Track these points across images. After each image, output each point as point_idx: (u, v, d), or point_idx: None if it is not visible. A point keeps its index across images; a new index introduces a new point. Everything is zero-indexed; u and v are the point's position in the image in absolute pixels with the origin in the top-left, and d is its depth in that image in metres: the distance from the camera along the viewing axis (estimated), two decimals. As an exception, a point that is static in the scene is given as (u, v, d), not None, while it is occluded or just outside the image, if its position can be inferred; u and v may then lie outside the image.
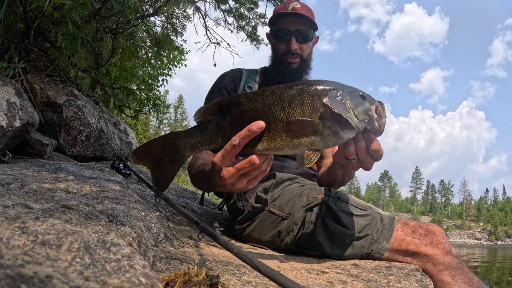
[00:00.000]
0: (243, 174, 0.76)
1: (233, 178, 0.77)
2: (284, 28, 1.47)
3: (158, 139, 0.80)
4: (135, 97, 3.36)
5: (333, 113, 0.70)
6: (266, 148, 0.73)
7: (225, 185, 0.80)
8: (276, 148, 0.73)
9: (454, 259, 0.99)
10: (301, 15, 1.45)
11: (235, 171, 0.75)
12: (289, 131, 0.71)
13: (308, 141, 0.71)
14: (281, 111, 0.71)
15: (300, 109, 0.71)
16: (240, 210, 1.32)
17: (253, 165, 0.73)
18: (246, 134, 0.71)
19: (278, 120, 0.71)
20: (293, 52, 1.46)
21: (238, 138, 0.72)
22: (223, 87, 1.51)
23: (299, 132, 0.70)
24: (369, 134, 0.79)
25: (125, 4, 2.42)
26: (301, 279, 0.83)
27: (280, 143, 0.72)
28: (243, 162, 0.74)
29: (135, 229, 0.60)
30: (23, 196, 0.68)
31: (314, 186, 1.25)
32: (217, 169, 0.78)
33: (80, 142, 2.13)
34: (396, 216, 1.12)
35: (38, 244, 0.40)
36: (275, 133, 0.71)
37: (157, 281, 0.42)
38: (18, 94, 1.41)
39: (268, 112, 0.72)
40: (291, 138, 0.71)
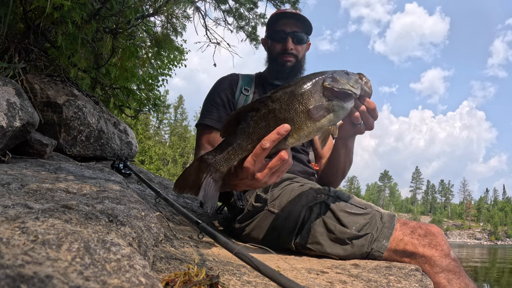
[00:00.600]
0: (275, 171, 0.86)
1: (266, 177, 0.85)
2: (281, 29, 1.53)
3: (193, 164, 0.87)
4: (135, 97, 3.35)
5: (334, 92, 0.84)
6: (297, 139, 0.83)
7: (257, 184, 0.88)
8: (305, 135, 0.84)
9: (452, 262, 0.99)
10: (298, 16, 1.52)
11: (268, 171, 0.84)
12: (311, 118, 0.82)
13: (326, 121, 0.84)
14: (299, 105, 0.82)
15: (312, 98, 0.83)
16: (240, 210, 1.32)
17: (284, 161, 0.83)
18: (276, 137, 0.79)
19: (300, 112, 0.82)
20: (289, 52, 1.52)
21: (268, 142, 0.79)
22: (221, 90, 1.55)
23: (318, 115, 0.83)
24: (364, 98, 0.95)
25: (125, 4, 2.42)
26: (301, 279, 0.83)
27: (307, 130, 0.83)
28: (274, 160, 0.83)
29: (135, 229, 0.60)
30: (23, 196, 0.68)
31: (313, 185, 1.25)
32: (251, 173, 0.84)
33: (80, 142, 2.13)
34: (395, 214, 1.12)
35: (38, 244, 0.40)
36: (301, 124, 0.82)
37: (157, 281, 0.42)
38: (18, 94, 1.41)
39: (288, 109, 0.82)
40: (314, 123, 0.83)
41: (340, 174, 1.40)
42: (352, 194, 1.22)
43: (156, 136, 31.20)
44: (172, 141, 32.03)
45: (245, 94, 1.54)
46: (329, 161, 1.44)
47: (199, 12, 4.04)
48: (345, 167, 1.37)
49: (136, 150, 2.72)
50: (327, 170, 1.48)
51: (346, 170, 1.39)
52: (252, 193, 1.33)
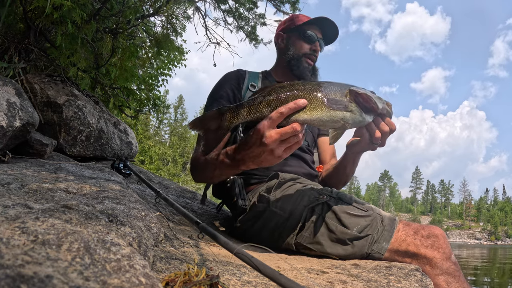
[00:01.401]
0: (284, 141, 0.87)
1: (275, 143, 0.87)
2: (314, 33, 1.59)
3: (211, 111, 0.96)
4: (135, 97, 3.35)
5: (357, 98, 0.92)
6: (309, 117, 0.88)
7: (262, 152, 0.90)
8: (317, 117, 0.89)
9: (453, 265, 0.99)
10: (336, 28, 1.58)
11: (278, 135, 0.86)
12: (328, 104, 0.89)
13: (341, 115, 0.90)
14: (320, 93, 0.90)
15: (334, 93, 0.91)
16: (242, 209, 1.32)
17: (295, 131, 0.85)
18: (292, 106, 0.85)
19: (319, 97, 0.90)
20: (315, 54, 1.59)
21: (285, 108, 0.85)
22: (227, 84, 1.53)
23: (334, 106, 0.90)
24: (388, 119, 1.02)
25: (125, 4, 2.42)
26: (301, 279, 0.83)
27: (320, 113, 0.89)
28: (286, 127, 0.86)
29: (135, 229, 0.60)
30: (23, 196, 0.68)
31: (316, 186, 1.25)
32: (261, 134, 0.88)
33: (80, 142, 2.13)
34: (397, 218, 1.12)
35: (38, 244, 0.40)
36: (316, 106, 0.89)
37: (157, 281, 0.42)
38: (18, 94, 1.41)
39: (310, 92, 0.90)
40: (328, 110, 0.89)
41: (342, 184, 1.47)
42: (352, 194, 1.23)
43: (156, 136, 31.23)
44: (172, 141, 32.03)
45: (252, 90, 1.53)
46: (333, 173, 1.50)
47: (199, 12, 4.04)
48: (347, 179, 1.44)
49: (136, 150, 2.72)
50: (329, 179, 1.53)
51: (348, 180, 1.46)
52: (254, 193, 1.33)
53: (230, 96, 1.48)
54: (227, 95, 1.48)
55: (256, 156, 0.92)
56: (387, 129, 1.02)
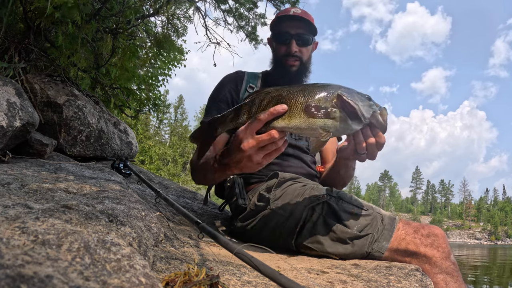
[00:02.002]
0: (262, 148, 0.87)
1: (252, 150, 0.87)
2: (285, 31, 1.50)
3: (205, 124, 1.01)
4: (135, 97, 3.35)
5: (345, 103, 0.85)
6: (286, 125, 0.86)
7: (241, 159, 0.90)
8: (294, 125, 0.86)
9: (452, 265, 0.99)
10: (302, 18, 1.49)
11: (255, 142, 0.86)
12: (307, 112, 0.85)
13: (321, 123, 0.86)
14: (302, 97, 0.86)
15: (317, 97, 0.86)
16: (242, 209, 1.32)
17: (272, 138, 0.84)
18: (271, 112, 0.83)
19: (299, 103, 0.86)
20: (293, 54, 1.49)
21: (263, 114, 0.84)
22: (226, 88, 1.54)
23: (314, 113, 0.85)
24: (375, 130, 0.93)
25: (125, 4, 2.42)
26: (301, 279, 0.83)
27: (298, 120, 0.85)
28: (263, 135, 0.85)
29: (135, 229, 0.60)
30: (23, 196, 0.68)
31: (316, 186, 1.25)
32: (239, 140, 0.88)
33: (80, 142, 2.13)
34: (397, 217, 1.12)
35: (38, 244, 0.40)
36: (295, 113, 0.86)
37: (157, 281, 0.42)
38: (18, 94, 1.41)
39: (291, 97, 0.87)
40: (307, 118, 0.85)
41: (340, 186, 1.44)
42: (352, 194, 1.23)
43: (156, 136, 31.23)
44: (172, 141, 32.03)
45: (250, 92, 1.53)
46: (329, 174, 1.47)
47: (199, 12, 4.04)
48: (344, 182, 1.42)
49: (136, 150, 2.72)
50: (327, 179, 1.52)
51: (346, 182, 1.43)
52: (254, 192, 1.33)
53: (228, 99, 1.50)
54: (225, 98, 1.50)
55: (237, 162, 0.92)
56: (373, 142, 0.93)
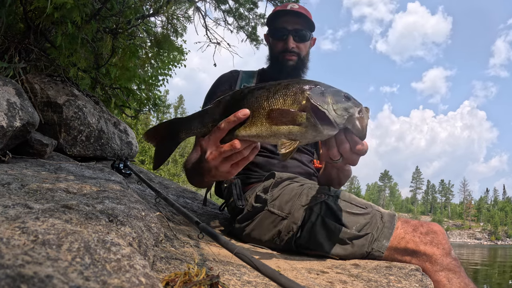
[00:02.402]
0: (226, 158, 0.83)
1: (216, 161, 0.83)
2: (282, 27, 1.49)
3: (164, 122, 0.92)
4: (135, 97, 3.35)
5: (313, 107, 0.74)
6: (247, 134, 0.79)
7: (210, 169, 0.87)
8: (256, 133, 0.78)
9: (453, 261, 0.99)
10: (299, 14, 1.47)
11: (217, 153, 0.82)
12: (269, 118, 0.76)
13: (285, 130, 0.76)
14: (265, 101, 0.78)
15: (282, 100, 0.77)
16: (240, 210, 1.32)
17: (234, 149, 0.79)
18: (232, 119, 0.78)
19: (262, 107, 0.78)
20: (291, 50, 1.48)
21: (224, 123, 0.79)
22: (220, 88, 1.55)
23: (278, 120, 0.76)
24: (352, 136, 0.81)
25: (125, 4, 2.42)
26: (301, 279, 0.83)
27: (260, 128, 0.77)
28: (225, 145, 0.81)
29: (135, 229, 0.60)
30: (23, 196, 0.68)
31: (313, 185, 1.25)
32: (203, 151, 0.86)
33: (80, 142, 2.13)
34: (396, 214, 1.12)
35: (38, 244, 0.40)
36: (257, 120, 0.78)
37: (157, 281, 0.42)
38: (18, 94, 1.41)
39: (254, 101, 0.79)
40: (270, 125, 0.76)
41: (336, 184, 1.39)
42: (352, 193, 1.22)
43: (156, 136, 31.15)
44: (172, 141, 31.92)
45: None
46: (322, 174, 1.44)
47: (199, 12, 4.04)
48: (339, 181, 1.37)
49: (136, 150, 2.72)
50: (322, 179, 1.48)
51: (342, 182, 1.38)
52: (252, 193, 1.33)
53: None
54: None
55: (208, 171, 0.89)
56: (347, 148, 0.81)
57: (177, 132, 0.89)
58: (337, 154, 0.84)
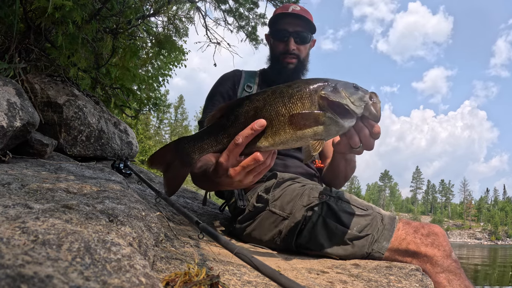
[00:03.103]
0: (249, 171, 0.81)
1: (240, 176, 0.81)
2: (283, 28, 1.50)
3: (169, 145, 0.85)
4: (136, 97, 3.36)
5: (331, 103, 0.75)
6: (271, 144, 0.77)
7: (232, 183, 0.84)
8: (281, 142, 0.77)
9: (453, 263, 0.99)
10: (300, 16, 1.48)
11: (240, 169, 0.80)
12: (292, 124, 0.75)
13: (311, 132, 0.76)
14: (283, 107, 0.75)
15: (300, 103, 0.75)
16: (241, 210, 1.32)
17: (258, 161, 0.77)
18: (249, 132, 0.75)
19: (280, 115, 0.75)
20: (291, 52, 1.49)
21: (241, 137, 0.76)
22: (223, 89, 1.54)
23: (301, 124, 0.75)
24: (368, 121, 0.84)
25: (125, 4, 2.42)
26: (301, 279, 0.83)
27: (284, 136, 0.76)
28: (248, 159, 0.78)
29: (135, 229, 0.60)
30: (24, 196, 0.68)
31: (315, 186, 1.25)
32: (224, 168, 0.82)
33: (81, 142, 2.13)
34: (397, 216, 1.12)
35: (38, 244, 0.40)
36: (279, 128, 0.76)
37: (157, 281, 0.42)
38: (19, 94, 1.41)
39: (270, 109, 0.76)
40: (294, 131, 0.75)
41: (342, 179, 1.42)
42: (352, 194, 1.22)
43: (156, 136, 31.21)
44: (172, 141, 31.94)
45: (248, 91, 1.53)
46: (329, 168, 1.45)
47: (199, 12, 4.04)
48: (346, 174, 1.38)
49: (136, 150, 2.72)
50: (328, 174, 1.50)
51: (348, 175, 1.40)
52: (253, 193, 1.33)
53: (225, 99, 1.50)
54: (222, 98, 1.50)
55: (229, 184, 0.87)
56: (367, 134, 0.86)
57: (188, 153, 0.83)
58: (358, 141, 0.87)
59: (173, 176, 0.87)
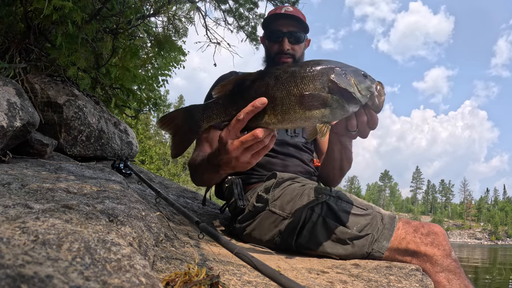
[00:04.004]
0: (247, 148, 0.81)
1: (237, 151, 0.82)
2: (277, 29, 1.51)
3: (180, 110, 0.88)
4: (136, 97, 3.35)
5: (339, 88, 0.77)
6: (279, 121, 0.79)
7: (230, 160, 0.86)
8: (289, 120, 0.78)
9: (453, 262, 0.99)
10: (293, 17, 1.50)
11: (239, 143, 0.81)
12: (302, 104, 0.77)
13: (319, 114, 0.78)
14: (294, 87, 0.77)
15: (312, 85, 0.77)
16: (241, 210, 1.32)
17: (256, 138, 0.78)
18: (250, 109, 0.76)
19: (291, 94, 0.77)
20: (286, 52, 1.50)
21: (242, 114, 0.77)
22: None
23: (311, 104, 0.77)
24: (369, 111, 0.87)
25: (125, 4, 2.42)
26: (301, 279, 0.83)
27: (293, 116, 0.77)
28: (247, 135, 0.80)
29: (135, 229, 0.60)
30: (24, 196, 0.68)
31: (315, 185, 1.25)
32: (224, 142, 0.84)
33: (81, 142, 2.13)
34: (396, 216, 1.12)
35: (38, 244, 0.40)
36: (289, 107, 0.77)
37: (157, 281, 0.42)
38: (19, 94, 1.41)
39: (281, 87, 0.78)
40: (304, 111, 0.77)
41: (338, 171, 1.37)
42: (353, 194, 1.22)
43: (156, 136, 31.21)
44: (172, 141, 31.91)
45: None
46: (325, 157, 1.43)
47: (200, 12, 4.04)
48: (342, 164, 1.33)
49: (136, 150, 2.72)
50: (324, 165, 1.48)
51: (344, 167, 1.35)
52: (253, 193, 1.33)
53: None
54: None
55: (227, 162, 0.89)
56: (364, 120, 0.88)
57: (196, 120, 0.86)
58: (355, 125, 0.89)
59: (180, 140, 0.90)
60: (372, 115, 0.88)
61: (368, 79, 0.82)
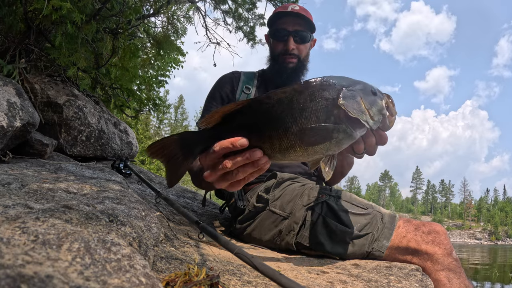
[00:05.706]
0: (222, 176, 0.72)
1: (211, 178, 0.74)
2: (283, 28, 1.48)
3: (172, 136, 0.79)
4: (135, 97, 3.35)
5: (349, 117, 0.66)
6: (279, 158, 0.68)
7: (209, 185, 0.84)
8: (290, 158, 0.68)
9: (454, 261, 0.99)
10: (300, 15, 1.47)
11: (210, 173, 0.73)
12: (303, 141, 0.65)
13: (324, 148, 0.67)
14: (293, 123, 0.65)
15: (315, 117, 0.65)
16: (241, 210, 1.32)
17: (225, 168, 0.68)
18: (227, 146, 0.66)
19: (290, 132, 0.65)
20: (291, 52, 1.47)
21: (219, 145, 0.68)
22: (221, 89, 1.54)
23: (313, 140, 0.65)
24: (379, 132, 0.78)
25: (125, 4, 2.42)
26: (301, 279, 0.83)
27: (294, 154, 0.66)
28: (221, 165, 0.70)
29: (135, 229, 0.60)
30: (24, 196, 0.68)
31: (314, 185, 1.25)
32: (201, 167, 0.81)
33: (81, 142, 2.13)
34: (397, 215, 1.12)
35: (38, 244, 0.40)
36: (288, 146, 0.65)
37: (157, 281, 0.42)
38: (19, 94, 1.41)
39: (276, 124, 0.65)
40: (306, 147, 0.65)
41: (338, 174, 1.42)
42: (353, 193, 1.22)
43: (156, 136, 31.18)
44: (172, 141, 31.87)
45: (246, 92, 1.52)
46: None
47: (199, 12, 4.04)
48: (343, 170, 1.38)
49: (136, 150, 2.72)
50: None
51: (345, 171, 1.39)
52: (253, 193, 1.33)
53: (224, 100, 1.50)
54: (221, 99, 1.50)
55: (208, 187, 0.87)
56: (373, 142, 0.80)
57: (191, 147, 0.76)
58: (363, 148, 0.80)
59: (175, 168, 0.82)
60: (381, 135, 0.79)
61: (378, 97, 0.71)
